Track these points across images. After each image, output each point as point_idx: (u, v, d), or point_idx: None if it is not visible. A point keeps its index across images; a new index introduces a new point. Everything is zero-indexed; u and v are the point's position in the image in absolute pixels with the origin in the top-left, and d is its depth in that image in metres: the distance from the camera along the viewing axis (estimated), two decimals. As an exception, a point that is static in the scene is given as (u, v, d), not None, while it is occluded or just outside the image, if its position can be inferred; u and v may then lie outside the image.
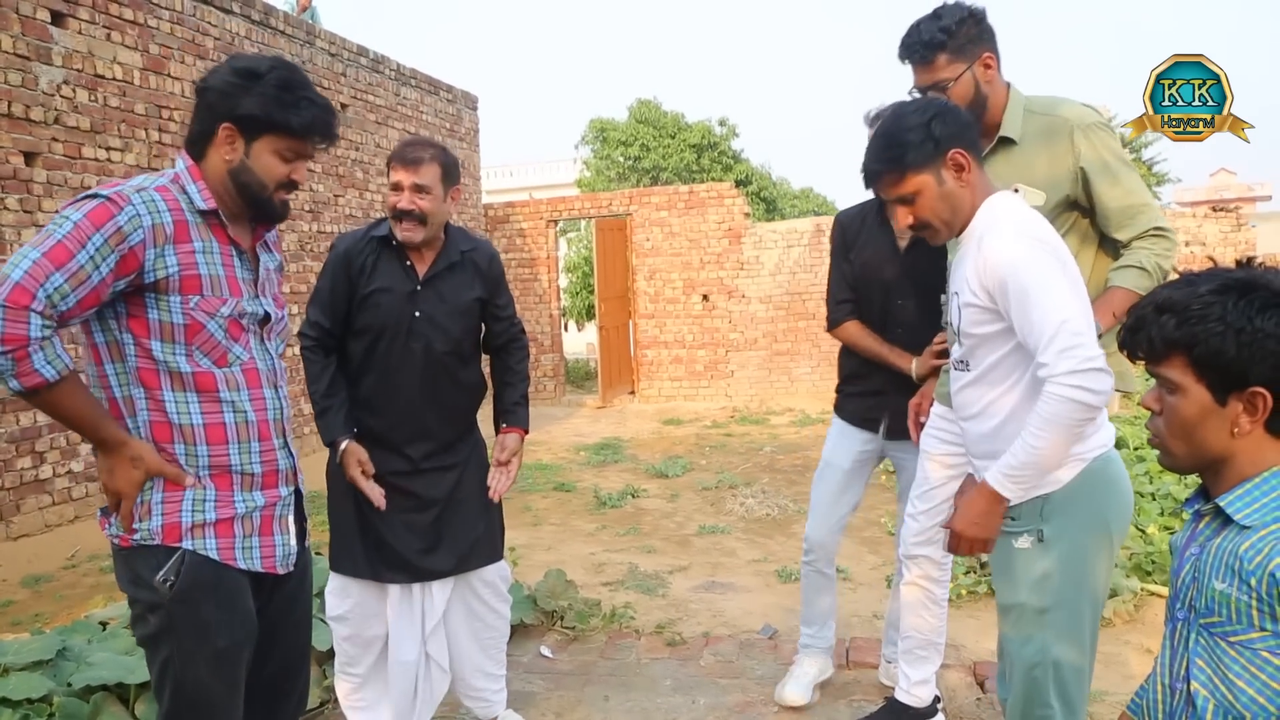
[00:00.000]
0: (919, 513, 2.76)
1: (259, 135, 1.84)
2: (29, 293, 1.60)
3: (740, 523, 6.08)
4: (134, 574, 1.81)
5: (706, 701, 3.22)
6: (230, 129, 1.82)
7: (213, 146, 1.84)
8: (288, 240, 8.17)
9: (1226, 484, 1.30)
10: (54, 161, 5.80)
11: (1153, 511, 5.02)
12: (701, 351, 11.84)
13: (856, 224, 3.10)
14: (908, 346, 2.94)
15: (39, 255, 1.62)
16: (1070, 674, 1.99)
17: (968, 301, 1.97)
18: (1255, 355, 1.22)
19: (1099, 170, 2.32)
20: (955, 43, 2.34)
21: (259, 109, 1.81)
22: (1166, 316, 1.29)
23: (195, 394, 1.81)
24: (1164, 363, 1.31)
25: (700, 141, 22.74)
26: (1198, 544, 1.35)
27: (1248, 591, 1.22)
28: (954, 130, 1.95)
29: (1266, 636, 1.22)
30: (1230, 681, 1.26)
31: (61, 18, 5.86)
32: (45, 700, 2.70)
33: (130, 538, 1.79)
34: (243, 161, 1.84)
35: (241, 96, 1.80)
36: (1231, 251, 11.15)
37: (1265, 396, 1.24)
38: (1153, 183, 20.52)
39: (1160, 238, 2.31)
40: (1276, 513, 1.24)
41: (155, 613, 1.80)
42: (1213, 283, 1.27)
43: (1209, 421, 1.28)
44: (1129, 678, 3.37)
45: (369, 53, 9.51)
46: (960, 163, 1.95)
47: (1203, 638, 1.30)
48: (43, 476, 5.74)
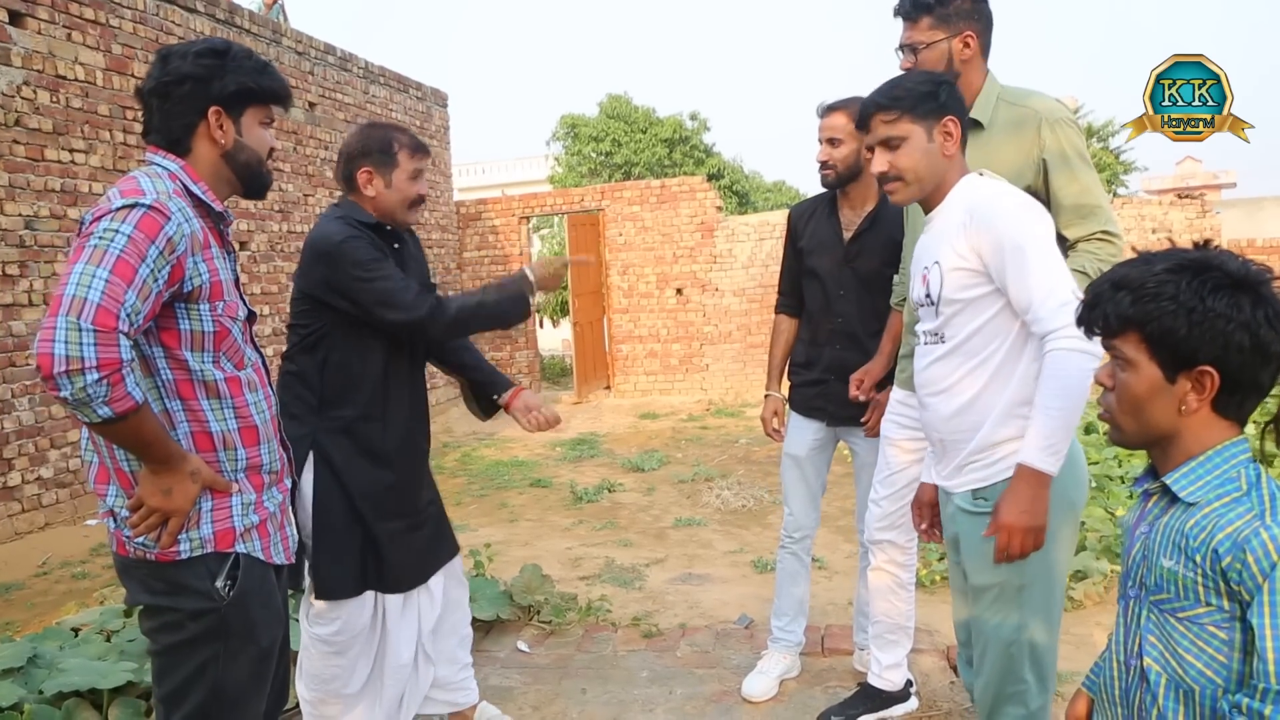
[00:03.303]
0: (881, 498, 2.80)
1: (244, 110, 1.83)
2: (113, 314, 1.55)
3: (716, 515, 6.11)
4: (173, 584, 1.78)
5: (683, 692, 3.24)
6: (219, 111, 1.80)
7: (199, 136, 1.81)
8: (257, 240, 8.11)
9: (1173, 462, 1.33)
10: (16, 164, 5.72)
11: (1121, 494, 5.09)
12: (676, 345, 11.86)
13: (806, 215, 3.18)
14: (847, 335, 3.05)
15: (108, 274, 1.56)
16: (1044, 647, 2.05)
17: (954, 266, 1.99)
18: (1205, 335, 1.24)
19: (1059, 163, 2.35)
20: (943, 10, 2.38)
21: (247, 80, 1.81)
22: (1122, 293, 1.31)
23: (229, 399, 1.82)
24: (1118, 339, 1.33)
25: (672, 136, 22.74)
26: (1146, 523, 1.37)
27: (1193, 568, 1.25)
28: (957, 103, 2.07)
29: (1212, 611, 1.24)
30: (1180, 656, 1.28)
31: (20, 17, 5.78)
32: (15, 708, 2.67)
33: (176, 551, 1.76)
34: (236, 140, 1.83)
35: (221, 76, 1.79)
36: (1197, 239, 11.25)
37: (1213, 375, 1.26)
38: (1120, 171, 20.80)
39: (1107, 242, 2.33)
40: (1219, 490, 1.27)
41: (200, 619, 1.78)
42: (1168, 262, 1.30)
43: (1158, 399, 1.30)
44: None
45: (336, 51, 9.45)
46: (951, 131, 2.03)
47: (1153, 614, 1.33)
48: (11, 484, 5.67)
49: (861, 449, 3.10)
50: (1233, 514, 1.23)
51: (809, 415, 3.15)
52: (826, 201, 3.11)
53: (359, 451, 2.52)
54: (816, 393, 3.11)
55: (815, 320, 3.12)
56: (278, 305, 8.33)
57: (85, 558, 5.52)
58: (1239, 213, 15.63)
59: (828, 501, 5.15)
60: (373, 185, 2.53)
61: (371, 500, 2.53)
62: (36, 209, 5.81)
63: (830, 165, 2.96)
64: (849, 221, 3.05)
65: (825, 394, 3.08)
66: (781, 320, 3.26)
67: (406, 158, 2.55)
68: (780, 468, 3.26)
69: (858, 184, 2.99)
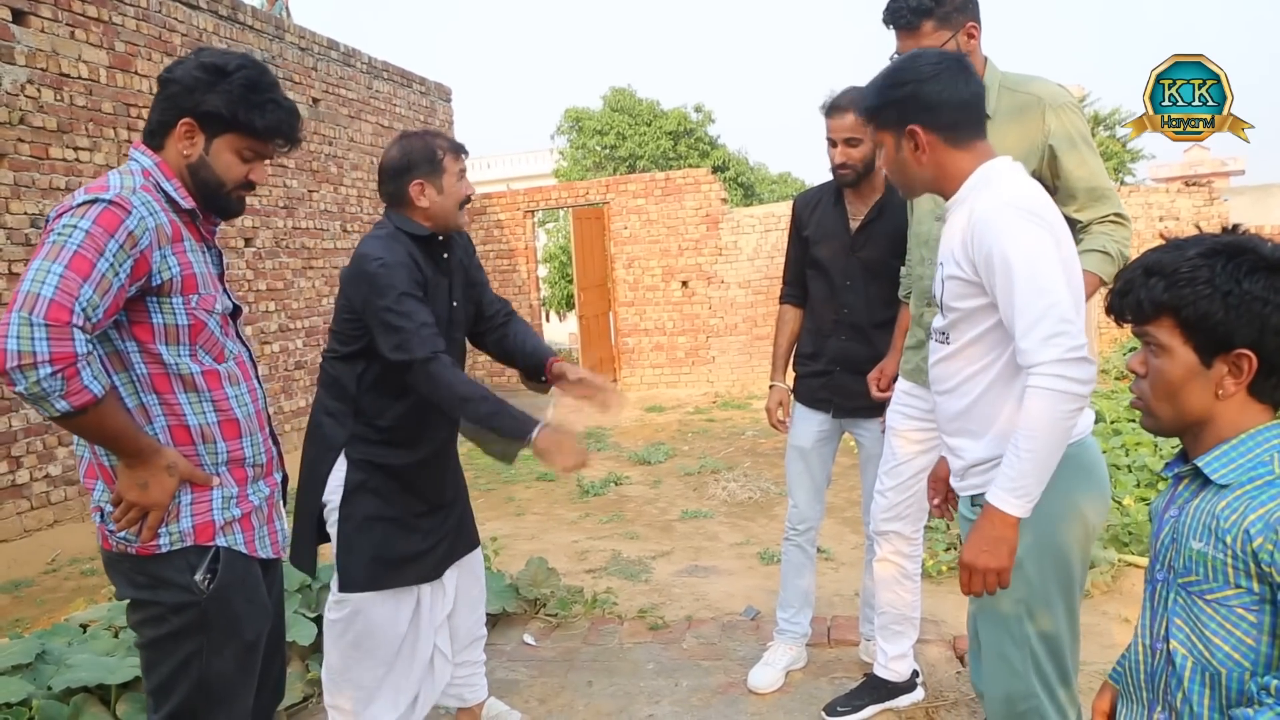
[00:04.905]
0: (887, 489, 2.79)
1: (220, 133, 1.82)
2: (66, 308, 1.56)
3: (722, 507, 6.11)
4: (154, 578, 1.80)
5: (689, 684, 3.24)
6: (190, 124, 1.80)
7: (171, 139, 1.82)
8: (262, 237, 8.12)
9: (1205, 446, 1.33)
10: (20, 163, 5.73)
11: (1129, 483, 5.08)
12: (682, 338, 11.85)
13: (812, 204, 3.16)
14: (853, 326, 3.03)
15: (62, 269, 1.58)
16: (1048, 659, 1.92)
17: (951, 274, 1.90)
18: (1242, 318, 1.25)
19: (1068, 147, 2.34)
20: (942, 10, 2.36)
21: (223, 107, 1.79)
22: (1155, 279, 1.31)
23: (207, 392, 1.82)
24: (1151, 324, 1.33)
25: (676, 128, 22.72)
26: (1176, 506, 1.37)
27: (1224, 550, 1.25)
28: (920, 105, 1.90)
29: (1241, 593, 1.25)
30: (1207, 639, 1.28)
31: (23, 16, 5.79)
32: (24, 704, 2.68)
33: (155, 545, 1.78)
34: (201, 158, 1.82)
35: (206, 92, 1.78)
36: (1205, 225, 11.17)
37: (1250, 359, 1.26)
38: (1127, 159, 20.71)
39: (1120, 225, 2.34)
40: (1252, 472, 1.27)
41: (182, 612, 1.79)
42: (1200, 246, 1.30)
43: (1194, 383, 1.30)
44: (1108, 647, 3.41)
45: (340, 46, 9.44)
46: (918, 141, 1.90)
47: (1180, 597, 1.33)
48: (20, 481, 5.70)
49: (867, 440, 3.10)
50: (1265, 496, 1.23)
51: (814, 406, 3.14)
52: (832, 191, 3.08)
53: (387, 454, 2.54)
54: (822, 384, 3.10)
55: (820, 311, 3.11)
56: (283, 301, 8.35)
57: (94, 554, 5.54)
58: (1247, 199, 15.51)
59: (833, 493, 5.16)
60: (425, 196, 2.51)
61: (391, 497, 2.55)
62: (42, 207, 5.82)
63: (849, 166, 2.92)
64: (856, 211, 3.03)
65: (830, 385, 3.07)
66: (786, 310, 3.25)
67: (451, 161, 2.54)
68: (785, 459, 3.25)
69: (867, 176, 2.98)
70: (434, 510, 2.65)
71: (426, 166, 2.51)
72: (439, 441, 2.64)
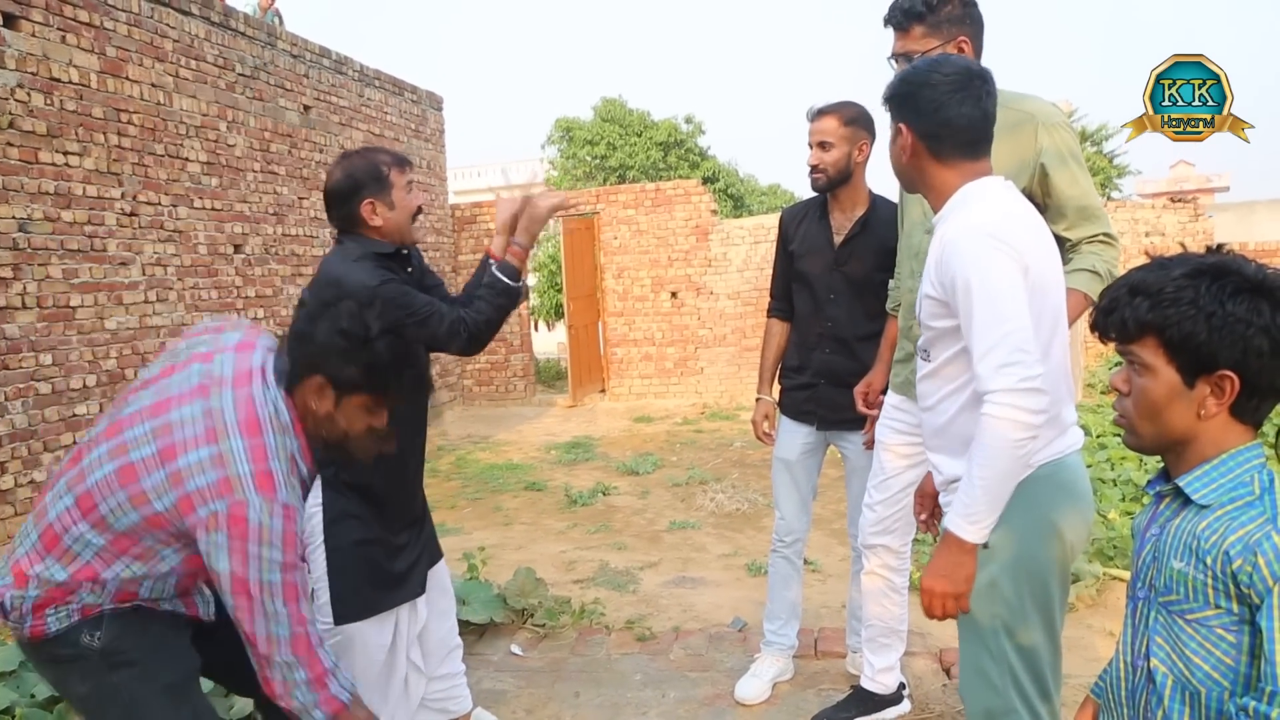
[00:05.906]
0: (875, 503, 2.80)
1: (353, 394, 1.81)
2: (325, 668, 1.84)
3: (710, 518, 6.11)
4: (53, 654, 1.84)
5: (676, 695, 3.24)
6: (324, 383, 1.79)
7: (302, 388, 1.82)
8: (251, 244, 8.10)
9: (1187, 465, 1.33)
10: (9, 167, 5.70)
11: (1114, 497, 5.11)
12: (671, 349, 11.86)
13: (798, 218, 3.18)
14: (837, 339, 3.05)
15: (292, 608, 1.76)
16: (1027, 675, 1.92)
17: (926, 293, 1.92)
18: (1225, 339, 1.25)
19: (1059, 165, 2.35)
20: (935, 18, 2.38)
21: (363, 380, 1.79)
22: (1140, 299, 1.31)
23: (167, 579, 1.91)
24: (1135, 344, 1.33)
25: (666, 139, 22.75)
26: (1158, 525, 1.38)
27: (1204, 570, 1.26)
28: None
29: (1221, 614, 1.25)
30: (1187, 658, 1.29)
31: (13, 20, 5.77)
32: (8, 712, 2.68)
33: (43, 628, 1.80)
34: (329, 413, 1.83)
35: (347, 365, 1.78)
36: (1190, 242, 11.33)
37: (1233, 380, 1.26)
38: (1114, 175, 20.87)
39: (1108, 245, 2.36)
40: (1233, 493, 1.28)
41: (87, 680, 1.83)
42: (1185, 267, 1.30)
43: (1177, 403, 1.31)
44: (1092, 660, 3.43)
45: (331, 54, 9.44)
46: (903, 141, 1.97)
47: (1161, 616, 1.33)
48: (4, 487, 5.65)
49: (852, 453, 3.11)
50: (1245, 517, 1.24)
51: (799, 419, 3.15)
52: (818, 205, 3.11)
53: (363, 472, 2.47)
54: (806, 396, 3.12)
55: (805, 324, 3.13)
56: (272, 308, 8.32)
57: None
58: (1232, 216, 15.66)
59: (821, 505, 5.17)
60: (378, 214, 2.48)
61: (369, 520, 2.51)
62: (30, 211, 5.79)
63: (820, 169, 2.95)
64: (839, 225, 3.05)
65: (815, 398, 3.09)
66: (773, 324, 3.27)
67: (398, 174, 2.51)
68: (771, 472, 3.26)
69: (848, 187, 2.99)
70: (409, 525, 2.62)
71: (374, 185, 2.47)
72: (404, 457, 2.54)
